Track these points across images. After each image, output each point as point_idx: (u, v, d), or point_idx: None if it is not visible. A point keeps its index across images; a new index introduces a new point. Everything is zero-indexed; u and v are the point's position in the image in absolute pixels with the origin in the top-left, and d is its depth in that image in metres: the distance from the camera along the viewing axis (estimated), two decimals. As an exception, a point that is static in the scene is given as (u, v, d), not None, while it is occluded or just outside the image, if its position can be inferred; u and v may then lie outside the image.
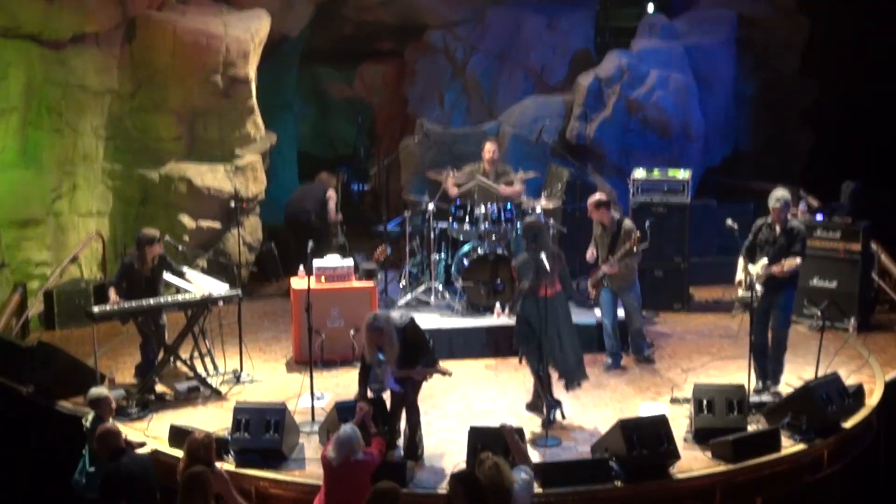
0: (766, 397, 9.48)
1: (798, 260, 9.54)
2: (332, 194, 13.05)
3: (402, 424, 8.65)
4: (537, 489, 7.96)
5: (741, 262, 9.80)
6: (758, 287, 9.50)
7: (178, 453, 8.46)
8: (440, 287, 11.80)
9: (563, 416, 9.34)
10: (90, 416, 8.16)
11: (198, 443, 7.34)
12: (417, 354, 8.36)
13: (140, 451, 8.28)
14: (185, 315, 10.17)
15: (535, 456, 8.39)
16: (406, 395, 8.45)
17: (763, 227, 9.74)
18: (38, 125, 11.96)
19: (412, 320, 8.42)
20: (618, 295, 10.62)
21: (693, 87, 14.22)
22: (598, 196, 10.67)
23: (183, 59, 12.88)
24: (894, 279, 12.26)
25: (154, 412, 9.44)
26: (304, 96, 18.67)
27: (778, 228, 9.64)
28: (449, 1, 15.73)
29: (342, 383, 10.30)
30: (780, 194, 9.68)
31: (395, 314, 8.44)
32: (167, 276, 10.54)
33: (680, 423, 8.97)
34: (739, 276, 9.78)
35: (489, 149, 12.06)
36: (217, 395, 9.95)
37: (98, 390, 8.26)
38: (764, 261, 9.57)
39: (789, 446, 8.65)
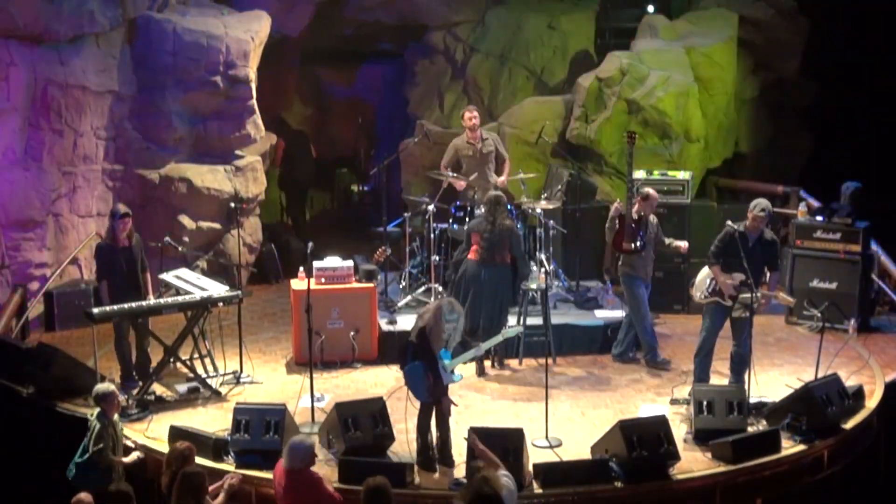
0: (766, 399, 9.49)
1: (791, 299, 10.40)
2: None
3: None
4: (537, 489, 7.98)
5: (708, 270, 9.75)
6: (719, 299, 9.63)
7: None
8: (440, 288, 11.80)
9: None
10: (95, 412, 8.15)
11: (177, 452, 7.37)
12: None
13: (129, 458, 8.29)
14: (184, 316, 10.17)
15: (535, 456, 8.39)
16: (441, 403, 8.46)
17: (735, 236, 9.56)
18: (39, 125, 11.96)
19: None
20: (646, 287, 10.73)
21: (693, 88, 14.21)
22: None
23: (183, 60, 12.88)
24: (894, 280, 12.26)
25: (154, 413, 9.43)
26: (304, 96, 18.68)
27: (751, 238, 9.60)
28: (449, 1, 15.72)
29: (342, 384, 10.31)
30: (764, 204, 9.67)
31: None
32: (167, 277, 10.55)
33: (680, 424, 8.98)
34: (705, 285, 9.77)
35: (469, 116, 11.99)
36: (217, 396, 9.94)
37: (104, 386, 8.29)
38: (739, 276, 9.43)
39: (789, 447, 8.65)
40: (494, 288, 10.25)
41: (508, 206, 10.83)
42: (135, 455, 8.47)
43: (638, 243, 10.53)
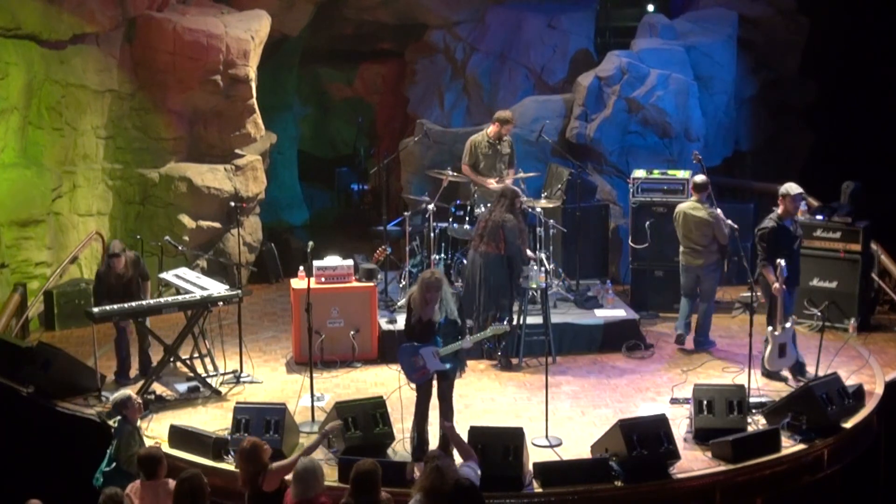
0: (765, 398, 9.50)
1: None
2: None
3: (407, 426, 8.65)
4: (537, 489, 7.97)
5: (771, 273, 9.81)
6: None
7: (178, 454, 8.50)
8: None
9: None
10: (116, 420, 8.11)
11: (245, 453, 7.19)
12: (461, 327, 8.47)
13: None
14: (185, 315, 10.17)
15: (535, 455, 8.40)
16: (443, 393, 8.44)
17: (777, 230, 9.88)
18: (39, 125, 11.96)
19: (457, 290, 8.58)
20: None
21: (693, 87, 14.21)
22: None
23: (183, 59, 12.89)
24: (894, 279, 12.25)
25: (154, 412, 9.44)
26: (304, 96, 18.68)
27: (789, 223, 9.94)
28: (449, 1, 15.71)
29: (342, 384, 10.31)
30: (791, 186, 9.99)
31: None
32: (166, 276, 10.55)
33: (680, 423, 8.98)
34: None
35: (510, 125, 12.02)
36: (217, 395, 9.94)
37: (121, 393, 8.21)
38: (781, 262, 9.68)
39: (789, 446, 8.65)
40: (485, 275, 10.44)
41: (518, 205, 10.81)
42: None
43: None
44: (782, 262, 9.58)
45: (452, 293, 8.48)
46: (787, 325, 9.69)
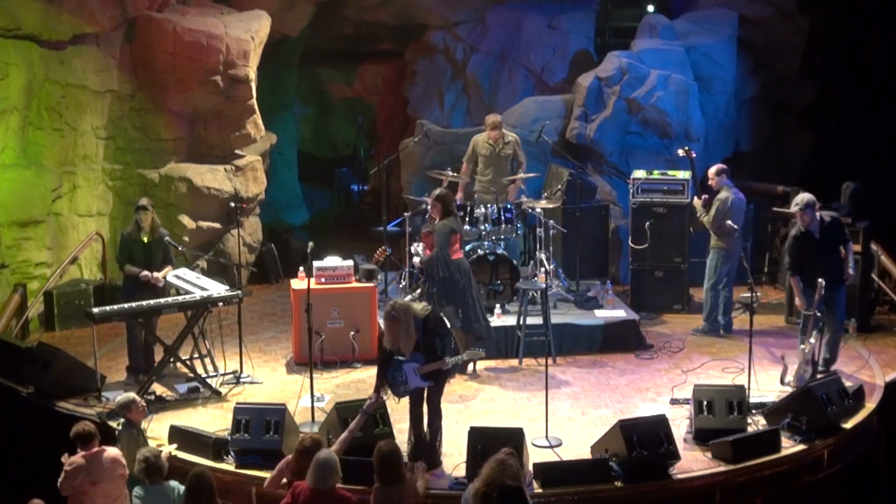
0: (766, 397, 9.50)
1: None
2: None
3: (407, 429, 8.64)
4: (537, 489, 7.97)
5: (797, 285, 9.93)
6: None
7: (178, 454, 8.47)
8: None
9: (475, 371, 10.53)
10: (121, 422, 8.11)
11: (302, 449, 7.22)
12: (443, 345, 8.32)
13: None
14: (185, 316, 10.18)
15: (535, 456, 8.39)
16: (430, 397, 8.38)
17: (799, 238, 9.93)
18: (39, 125, 11.96)
19: (434, 310, 8.41)
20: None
21: (693, 87, 14.20)
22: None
23: (183, 60, 12.89)
24: (894, 279, 12.26)
25: (154, 413, 9.44)
26: (304, 96, 18.69)
27: (814, 230, 9.88)
28: (449, 1, 15.71)
29: (342, 384, 10.31)
30: (798, 198, 9.96)
31: (418, 305, 8.37)
32: (168, 277, 10.55)
33: (680, 424, 8.98)
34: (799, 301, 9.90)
35: (494, 128, 12.13)
36: (217, 395, 9.95)
37: (123, 396, 8.20)
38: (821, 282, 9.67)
39: (789, 447, 8.65)
40: (473, 280, 10.50)
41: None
42: (166, 450, 8.14)
43: None
44: (822, 281, 9.62)
45: (425, 308, 8.36)
46: (811, 340, 9.71)
